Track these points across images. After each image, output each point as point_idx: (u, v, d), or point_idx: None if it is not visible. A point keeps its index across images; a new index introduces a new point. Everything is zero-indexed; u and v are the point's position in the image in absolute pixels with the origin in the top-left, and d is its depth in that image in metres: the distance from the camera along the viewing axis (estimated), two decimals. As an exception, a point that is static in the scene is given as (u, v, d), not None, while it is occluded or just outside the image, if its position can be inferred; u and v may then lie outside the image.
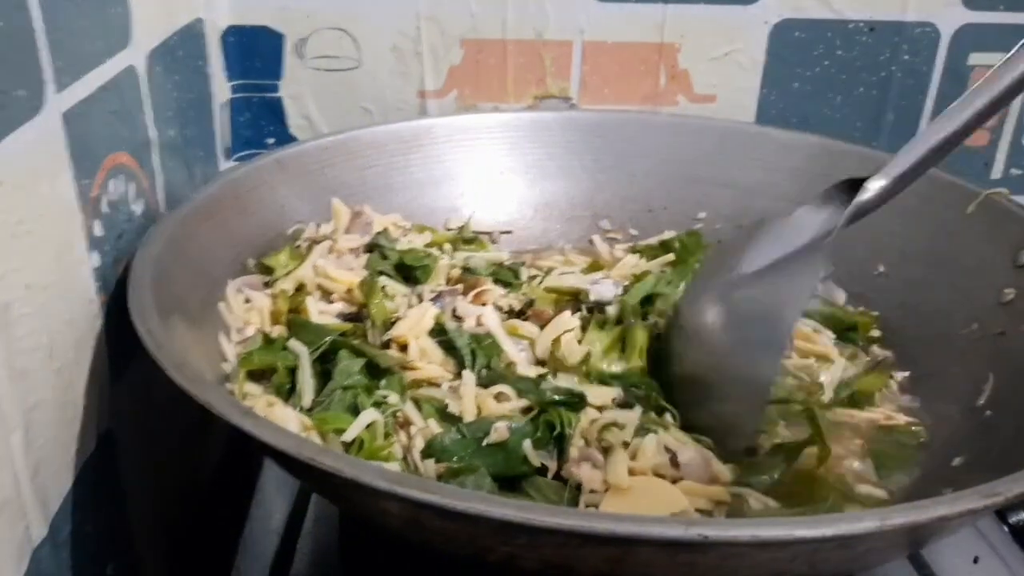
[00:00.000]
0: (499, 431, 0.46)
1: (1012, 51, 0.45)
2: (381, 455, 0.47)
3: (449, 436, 0.47)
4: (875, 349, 0.61)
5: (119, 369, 0.49)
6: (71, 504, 0.44)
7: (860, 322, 0.62)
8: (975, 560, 0.54)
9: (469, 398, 0.50)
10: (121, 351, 0.49)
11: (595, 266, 0.68)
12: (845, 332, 0.61)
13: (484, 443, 0.46)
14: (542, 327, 0.57)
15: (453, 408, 0.49)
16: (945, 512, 0.35)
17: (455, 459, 0.46)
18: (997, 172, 0.82)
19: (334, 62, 0.76)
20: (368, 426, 0.48)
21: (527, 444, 0.47)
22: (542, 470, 0.47)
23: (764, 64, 0.78)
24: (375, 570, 0.53)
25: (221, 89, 0.74)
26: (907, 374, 0.59)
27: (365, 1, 0.74)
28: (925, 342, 0.59)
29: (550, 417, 0.48)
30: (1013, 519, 0.56)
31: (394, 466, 0.46)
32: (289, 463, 0.40)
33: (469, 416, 0.49)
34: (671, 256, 0.68)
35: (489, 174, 0.73)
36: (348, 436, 0.47)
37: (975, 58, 0.78)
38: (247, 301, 0.57)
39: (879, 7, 0.76)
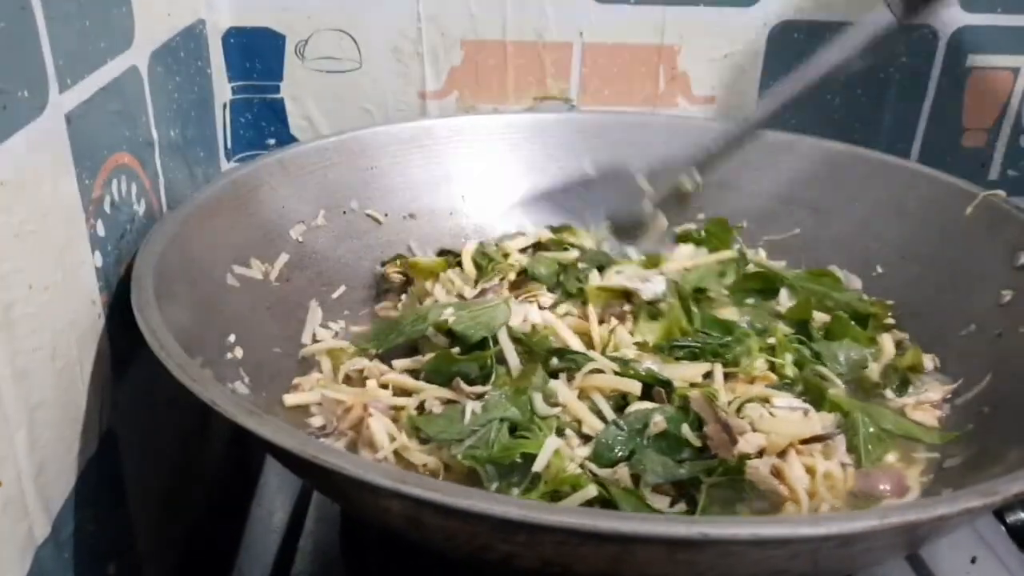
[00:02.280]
0: (658, 423, 0.48)
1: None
2: (571, 481, 0.46)
3: (610, 434, 0.48)
4: (894, 332, 0.61)
5: (121, 368, 0.49)
6: (73, 503, 0.44)
7: (875, 312, 0.62)
8: (973, 560, 0.54)
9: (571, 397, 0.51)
10: (123, 350, 0.49)
11: (653, 261, 0.67)
12: (861, 321, 0.61)
13: (647, 435, 0.48)
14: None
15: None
16: (944, 511, 0.35)
17: (618, 452, 0.47)
18: (994, 173, 0.83)
19: (335, 63, 0.76)
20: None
21: (685, 428, 0.48)
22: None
23: (763, 66, 0.78)
24: (376, 569, 0.53)
25: (222, 90, 0.75)
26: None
27: (366, 2, 0.74)
28: (923, 343, 0.59)
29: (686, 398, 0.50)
30: (1011, 519, 0.56)
31: (591, 490, 0.45)
32: (292, 461, 0.41)
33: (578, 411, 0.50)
34: (730, 252, 0.68)
35: (489, 175, 0.73)
36: (539, 465, 0.46)
37: (973, 60, 0.78)
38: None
39: (878, 8, 0.76)
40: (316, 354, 0.59)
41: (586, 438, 0.49)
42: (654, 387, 0.52)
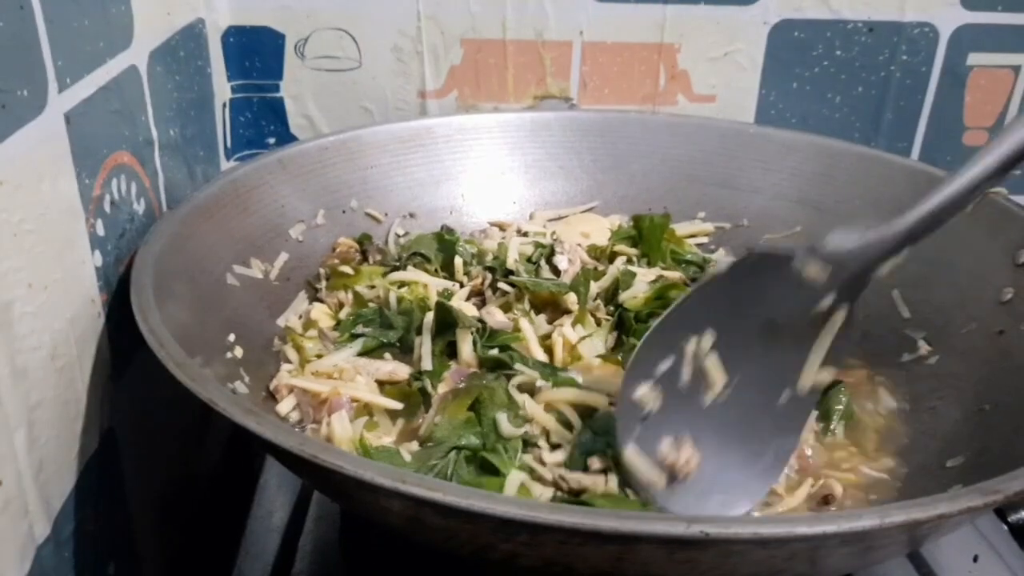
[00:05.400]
0: None
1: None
2: None
3: (583, 440, 0.47)
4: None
5: (121, 368, 0.49)
6: (73, 503, 0.44)
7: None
8: (975, 559, 0.54)
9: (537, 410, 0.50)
10: (123, 350, 0.49)
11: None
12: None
13: None
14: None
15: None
16: (945, 510, 0.35)
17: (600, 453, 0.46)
18: (996, 172, 0.83)
19: (335, 62, 0.76)
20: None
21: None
22: None
23: (763, 64, 0.78)
24: (376, 569, 0.53)
25: (222, 89, 0.75)
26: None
27: (365, 1, 0.74)
28: (924, 341, 0.59)
29: None
30: (1012, 517, 0.56)
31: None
32: (291, 460, 0.40)
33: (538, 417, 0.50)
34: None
35: (489, 174, 0.73)
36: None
37: (974, 58, 0.78)
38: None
39: (878, 7, 0.76)
40: (285, 341, 0.58)
41: (556, 445, 0.49)
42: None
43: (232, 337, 0.53)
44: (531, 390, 0.52)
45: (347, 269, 0.64)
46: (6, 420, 0.37)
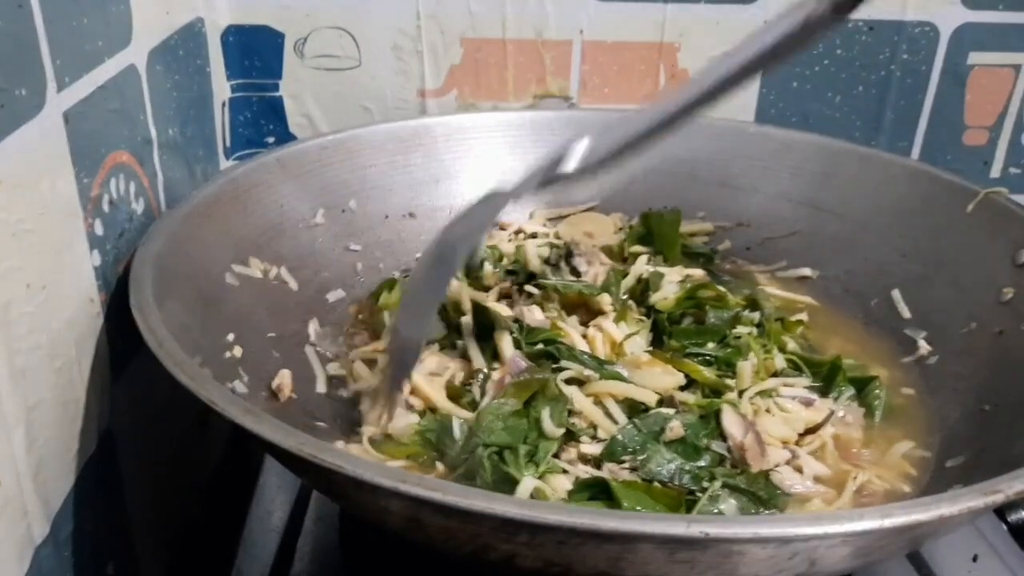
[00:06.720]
0: (674, 429, 0.48)
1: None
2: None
3: (626, 432, 0.48)
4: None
5: (120, 368, 0.49)
6: (72, 503, 0.44)
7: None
8: (974, 559, 0.54)
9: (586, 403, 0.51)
10: (122, 350, 0.49)
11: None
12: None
13: (663, 440, 0.48)
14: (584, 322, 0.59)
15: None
16: (946, 511, 0.35)
17: (635, 452, 0.47)
18: (996, 171, 0.83)
19: (334, 61, 0.76)
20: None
21: (704, 438, 0.48)
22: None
23: (763, 63, 0.78)
24: (376, 569, 0.53)
25: (221, 88, 0.75)
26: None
27: (365, 0, 0.74)
28: (924, 341, 0.59)
29: (703, 406, 0.51)
30: (1012, 517, 0.56)
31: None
32: (290, 460, 0.40)
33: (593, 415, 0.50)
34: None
35: (489, 173, 0.73)
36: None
37: (974, 57, 0.78)
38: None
39: (879, 6, 0.76)
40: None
41: (602, 440, 0.49)
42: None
43: (231, 336, 0.53)
44: (579, 384, 0.52)
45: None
46: (4, 420, 0.37)
